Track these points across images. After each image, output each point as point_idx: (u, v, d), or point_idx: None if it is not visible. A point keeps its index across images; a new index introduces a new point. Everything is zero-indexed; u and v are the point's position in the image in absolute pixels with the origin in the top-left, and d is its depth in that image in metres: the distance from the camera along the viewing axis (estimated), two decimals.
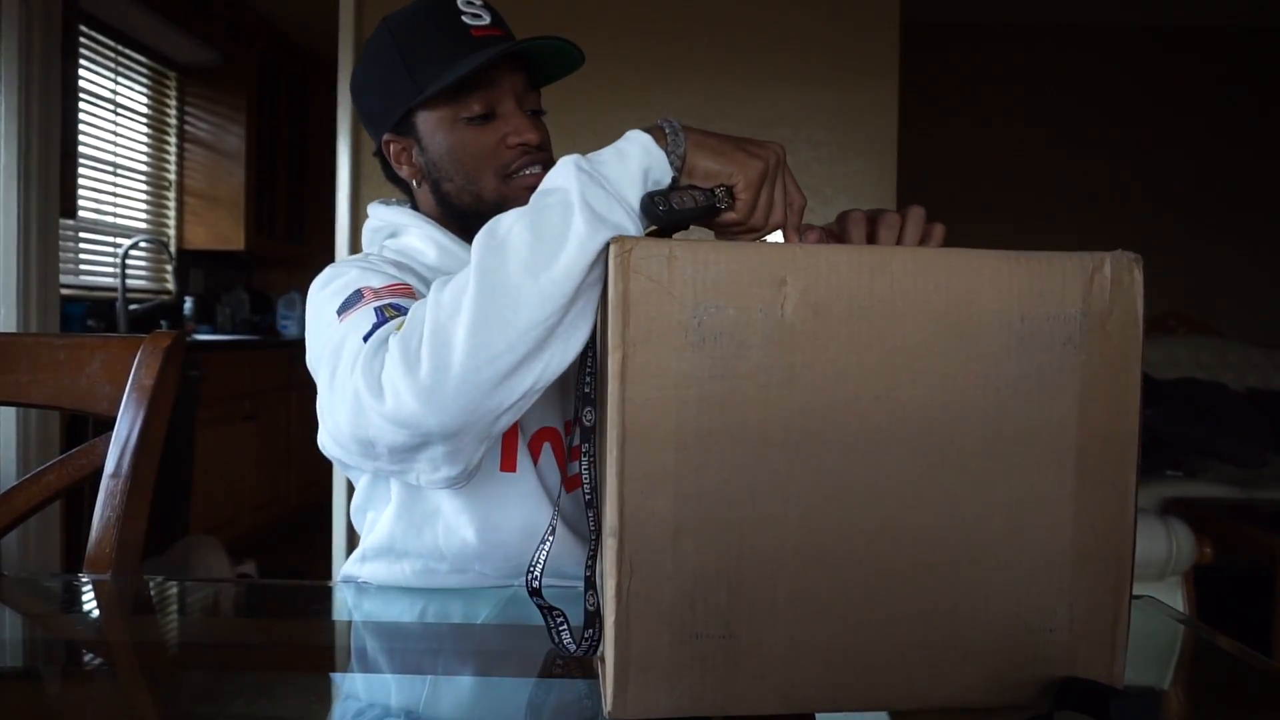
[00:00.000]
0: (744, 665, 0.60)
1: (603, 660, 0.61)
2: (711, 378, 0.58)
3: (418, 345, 0.72)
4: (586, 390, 0.72)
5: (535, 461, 0.97)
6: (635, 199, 0.73)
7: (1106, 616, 0.63)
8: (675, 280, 0.58)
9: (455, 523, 0.95)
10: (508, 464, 0.95)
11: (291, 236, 4.84)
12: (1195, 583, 2.16)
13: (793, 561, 0.60)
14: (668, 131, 0.77)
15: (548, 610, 0.71)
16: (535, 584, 0.73)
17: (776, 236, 0.80)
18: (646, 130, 0.76)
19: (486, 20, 0.97)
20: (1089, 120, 4.41)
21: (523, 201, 0.90)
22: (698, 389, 0.58)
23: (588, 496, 0.70)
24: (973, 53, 4.45)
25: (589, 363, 0.72)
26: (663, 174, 0.75)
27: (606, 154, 0.75)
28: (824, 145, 2.66)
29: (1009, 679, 0.63)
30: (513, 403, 0.74)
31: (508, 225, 0.73)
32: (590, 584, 0.67)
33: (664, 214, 0.74)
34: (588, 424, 0.71)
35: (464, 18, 0.96)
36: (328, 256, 2.79)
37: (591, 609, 0.66)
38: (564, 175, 0.73)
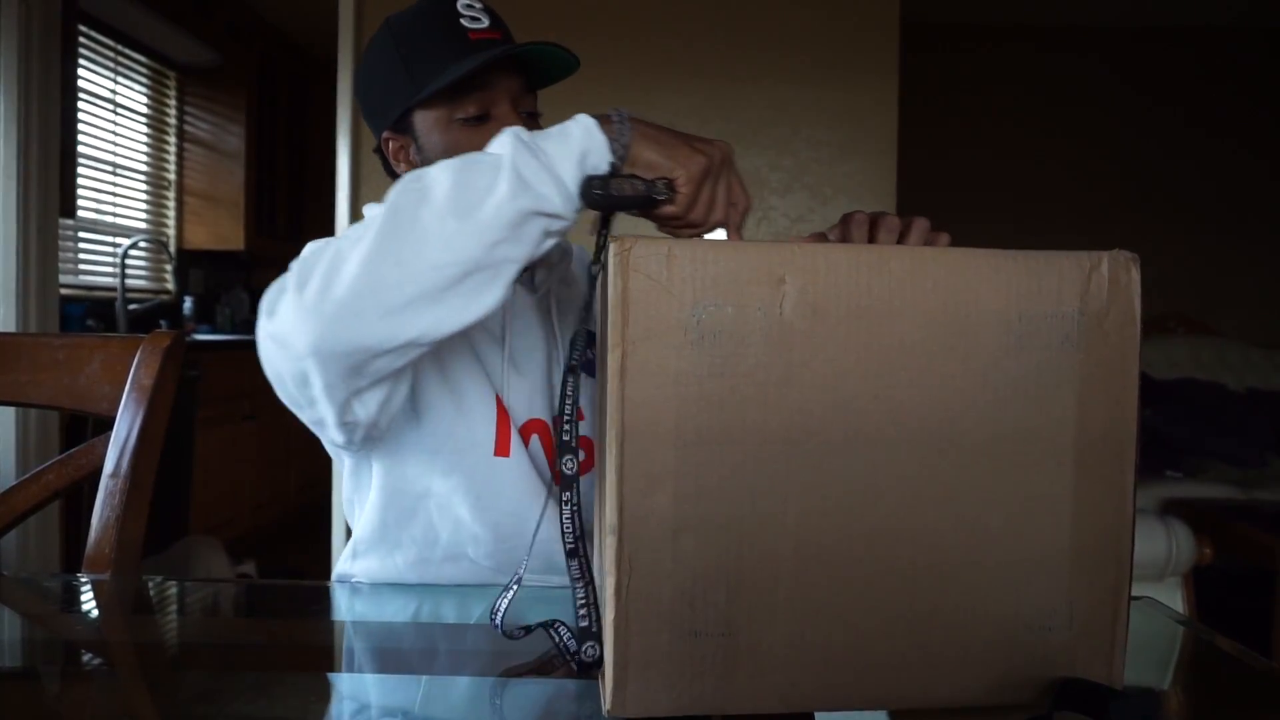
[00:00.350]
0: (743, 664, 0.60)
1: (602, 658, 0.61)
2: (710, 376, 0.58)
3: (312, 267, 0.73)
4: (565, 438, 0.72)
5: (526, 448, 0.98)
6: (570, 177, 0.73)
7: (1106, 616, 0.63)
8: (674, 278, 0.58)
9: (448, 501, 0.96)
10: (501, 449, 0.96)
11: (291, 236, 4.83)
12: (1195, 583, 2.16)
13: (792, 560, 0.60)
14: (615, 120, 0.77)
15: (546, 627, 0.71)
16: (497, 628, 0.72)
17: (720, 234, 0.81)
18: (596, 116, 0.77)
19: (485, 23, 0.98)
20: (1089, 120, 4.41)
21: None
22: (697, 387, 0.58)
23: (570, 545, 0.70)
24: (973, 52, 4.44)
25: (567, 409, 0.73)
26: (601, 159, 0.75)
27: (550, 130, 0.76)
28: (824, 145, 2.66)
29: (1008, 679, 0.63)
30: (391, 347, 0.73)
31: (434, 173, 0.73)
32: (587, 634, 0.67)
33: (600, 198, 0.74)
34: (569, 473, 0.71)
35: (463, 20, 0.97)
36: None
37: (590, 660, 0.66)
38: (502, 142, 0.74)
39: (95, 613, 0.95)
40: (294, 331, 0.73)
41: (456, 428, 0.96)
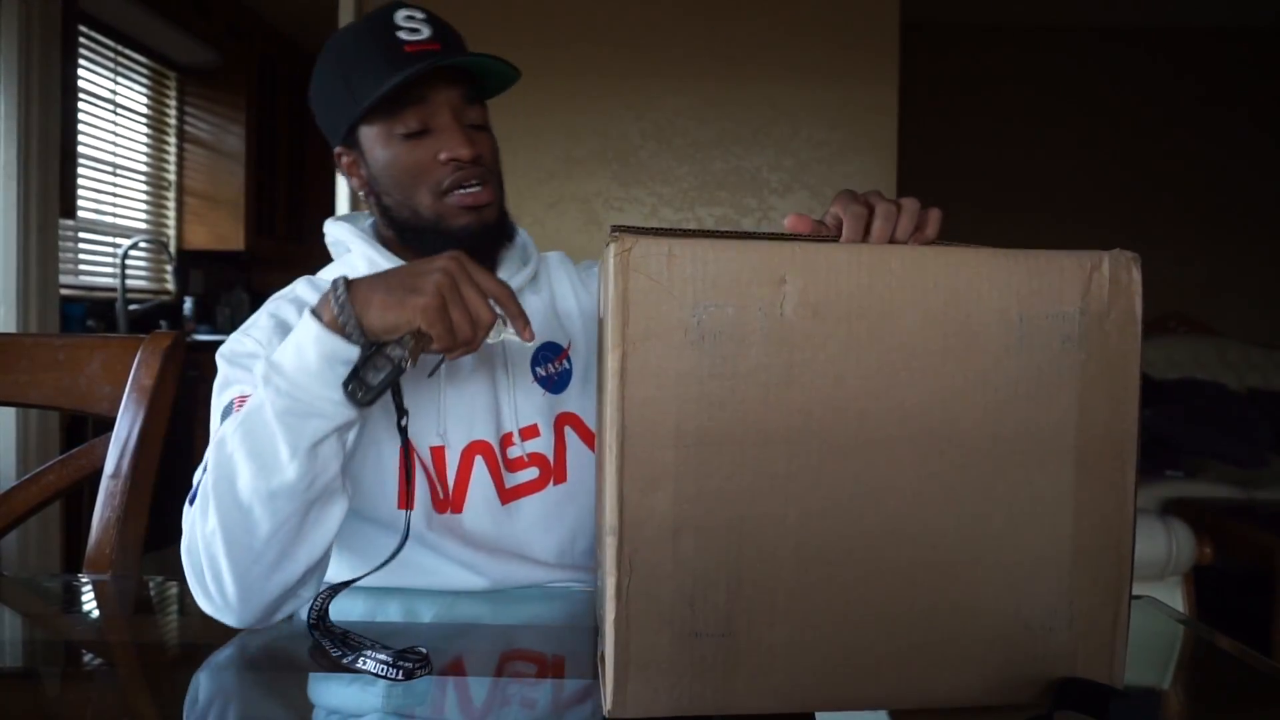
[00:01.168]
0: (743, 664, 0.60)
1: (602, 659, 0.61)
2: (711, 376, 0.58)
3: (200, 568, 0.80)
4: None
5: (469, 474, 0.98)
6: (331, 388, 0.75)
7: (1106, 616, 0.63)
8: (675, 279, 0.58)
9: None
10: (403, 502, 0.95)
11: (291, 236, 4.83)
12: (1195, 583, 2.16)
13: (792, 560, 0.60)
14: (335, 304, 0.76)
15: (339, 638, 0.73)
16: (313, 619, 0.76)
17: (509, 334, 0.80)
18: (320, 303, 0.77)
19: (424, 35, 0.96)
20: (1088, 120, 4.41)
21: (457, 221, 0.96)
22: (697, 387, 0.58)
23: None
24: (973, 52, 4.44)
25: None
26: (348, 351, 0.76)
27: (288, 351, 0.77)
28: (824, 144, 2.66)
29: (1009, 678, 0.63)
30: (291, 585, 0.81)
31: (231, 447, 0.78)
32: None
33: (364, 398, 0.75)
34: None
35: (400, 33, 0.95)
36: (326, 257, 2.80)
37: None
38: (259, 387, 0.77)
39: (95, 613, 0.95)
40: (225, 619, 0.81)
41: (369, 505, 0.96)
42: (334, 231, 1.06)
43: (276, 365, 0.78)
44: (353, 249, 1.03)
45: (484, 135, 1.00)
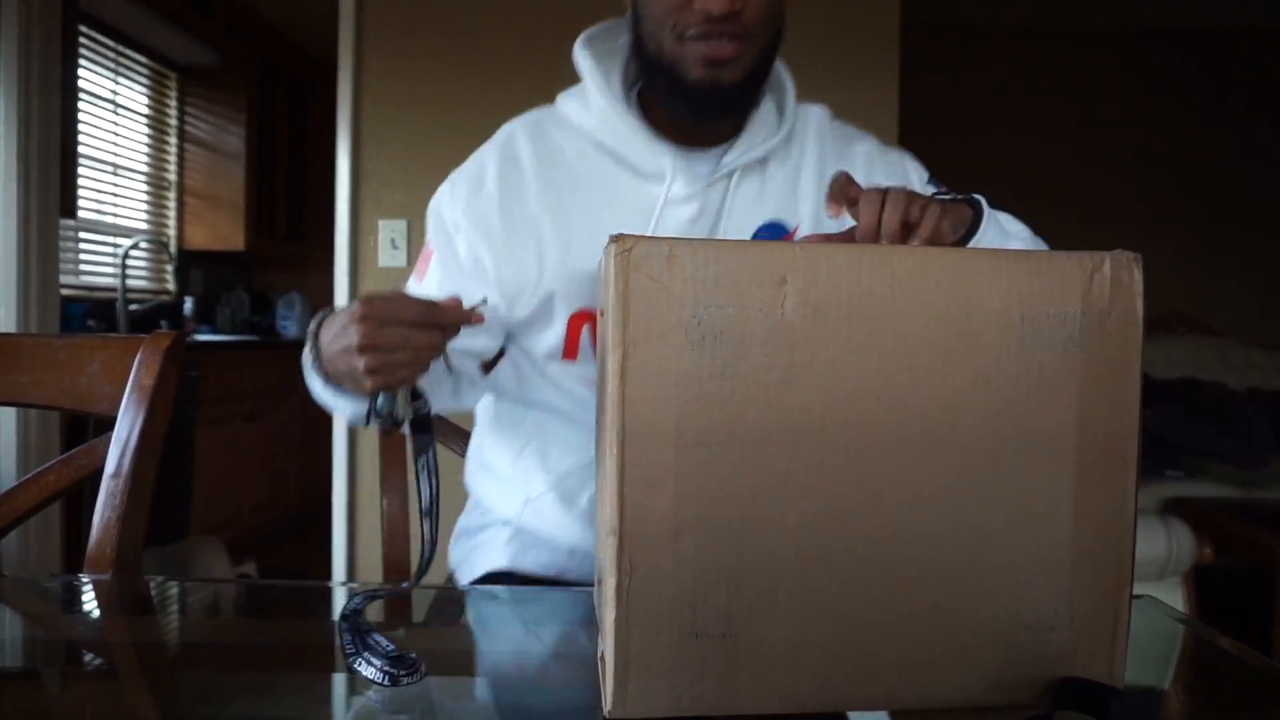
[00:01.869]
0: (744, 665, 0.60)
1: (602, 659, 0.61)
2: (711, 377, 0.58)
3: None
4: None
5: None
6: (347, 404, 0.96)
7: (1106, 616, 0.63)
8: (675, 279, 0.58)
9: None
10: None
11: (291, 236, 4.84)
12: (1195, 583, 2.17)
13: (792, 561, 0.60)
14: (322, 379, 0.92)
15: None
16: (346, 612, 0.77)
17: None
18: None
19: None
20: (1089, 120, 4.41)
21: (691, 73, 0.93)
22: (697, 388, 0.58)
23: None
24: (973, 52, 4.44)
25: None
26: (349, 397, 0.94)
27: (312, 379, 0.95)
28: None
29: (1009, 679, 0.63)
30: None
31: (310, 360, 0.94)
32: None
33: (392, 427, 0.87)
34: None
35: None
36: (327, 256, 2.80)
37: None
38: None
39: (96, 613, 0.95)
40: None
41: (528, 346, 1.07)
42: (578, 55, 1.06)
43: (307, 371, 0.93)
44: (586, 83, 1.04)
45: None
